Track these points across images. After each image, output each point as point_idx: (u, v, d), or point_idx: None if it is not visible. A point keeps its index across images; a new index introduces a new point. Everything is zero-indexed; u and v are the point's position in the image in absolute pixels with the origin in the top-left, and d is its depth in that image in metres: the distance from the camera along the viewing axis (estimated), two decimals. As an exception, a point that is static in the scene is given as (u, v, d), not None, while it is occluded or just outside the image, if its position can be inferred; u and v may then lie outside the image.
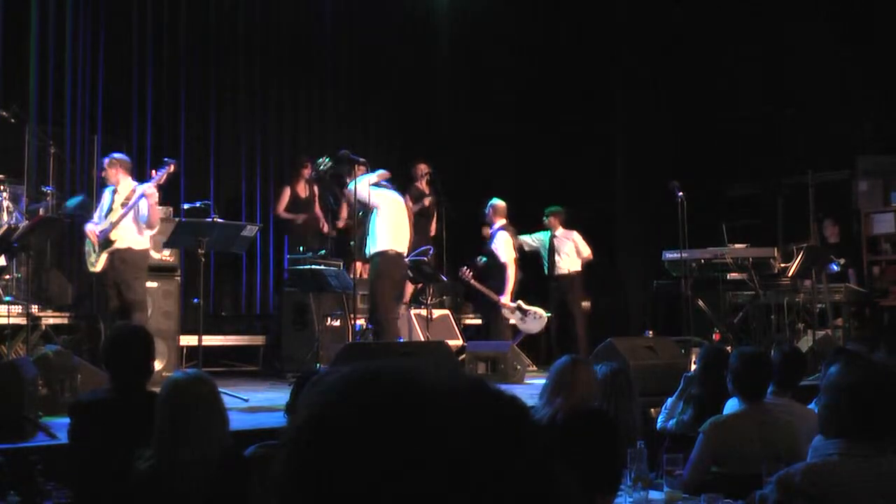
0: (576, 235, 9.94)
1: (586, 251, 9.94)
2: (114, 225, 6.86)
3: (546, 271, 10.00)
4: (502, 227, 9.40)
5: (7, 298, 7.34)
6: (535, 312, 9.32)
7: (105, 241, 6.89)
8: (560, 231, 9.93)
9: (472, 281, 9.50)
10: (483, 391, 0.82)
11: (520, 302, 9.29)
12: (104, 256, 6.90)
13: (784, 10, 11.04)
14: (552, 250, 9.90)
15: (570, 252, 9.88)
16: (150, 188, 6.87)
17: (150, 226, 7.00)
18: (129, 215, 6.87)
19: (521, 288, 9.56)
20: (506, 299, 9.18)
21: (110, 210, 6.96)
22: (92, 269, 7.03)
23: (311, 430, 0.80)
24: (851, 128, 10.94)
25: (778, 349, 4.81)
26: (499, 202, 9.47)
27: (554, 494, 0.80)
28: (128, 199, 6.91)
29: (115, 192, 7.03)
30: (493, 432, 0.79)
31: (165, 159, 7.00)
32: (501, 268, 9.24)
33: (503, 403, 0.82)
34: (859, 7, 10.77)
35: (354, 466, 0.76)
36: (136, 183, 7.04)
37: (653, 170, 11.02)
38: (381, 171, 8.08)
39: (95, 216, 7.19)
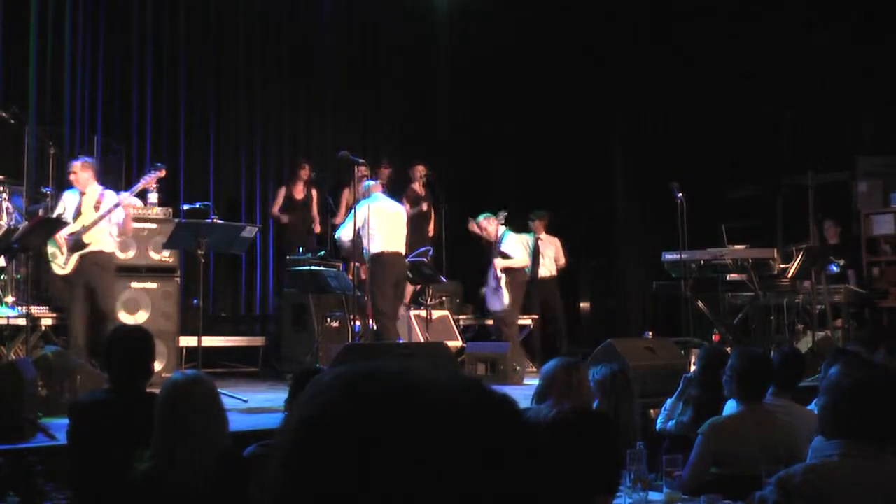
0: (557, 242, 10.07)
1: (562, 259, 10.17)
2: (86, 228, 6.76)
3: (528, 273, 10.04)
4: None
5: (15, 311, 7.31)
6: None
7: (76, 244, 6.78)
8: (543, 235, 10.06)
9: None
10: (478, 391, 0.82)
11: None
12: (74, 258, 6.79)
13: (784, 10, 11.04)
14: (536, 253, 9.96)
15: (551, 256, 10.07)
16: (127, 198, 6.78)
17: (122, 234, 6.99)
18: (104, 220, 6.81)
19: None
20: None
21: (79, 213, 6.86)
22: (60, 272, 6.89)
23: (306, 430, 0.80)
24: (851, 128, 10.94)
25: (778, 350, 4.82)
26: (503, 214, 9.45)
27: (548, 494, 0.80)
28: (98, 202, 6.81)
29: (82, 194, 6.91)
30: (488, 432, 0.79)
31: (157, 164, 6.97)
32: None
33: (498, 403, 0.82)
34: (859, 7, 10.77)
35: (350, 466, 0.76)
36: (101, 187, 6.94)
37: (653, 170, 11.03)
38: (371, 184, 8.21)
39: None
